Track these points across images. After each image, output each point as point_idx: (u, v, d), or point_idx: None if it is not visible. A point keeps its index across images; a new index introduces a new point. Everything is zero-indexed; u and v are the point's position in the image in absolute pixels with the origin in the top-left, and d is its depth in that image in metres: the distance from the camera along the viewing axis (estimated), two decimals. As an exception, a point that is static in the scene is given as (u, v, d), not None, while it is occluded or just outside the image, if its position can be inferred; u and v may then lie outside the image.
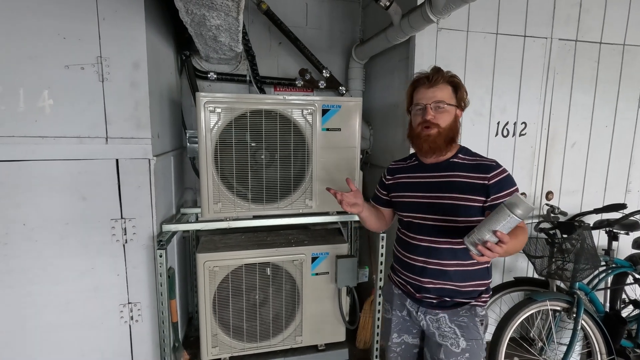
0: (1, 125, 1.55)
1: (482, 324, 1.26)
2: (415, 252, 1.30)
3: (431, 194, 1.27)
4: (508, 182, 1.20)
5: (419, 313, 1.31)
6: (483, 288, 1.28)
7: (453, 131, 1.25)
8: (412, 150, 1.42)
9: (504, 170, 1.22)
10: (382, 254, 2.03)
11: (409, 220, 1.32)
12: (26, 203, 1.62)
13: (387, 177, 1.45)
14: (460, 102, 1.27)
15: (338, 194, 1.32)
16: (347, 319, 2.19)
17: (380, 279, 2.06)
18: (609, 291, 2.31)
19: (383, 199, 1.47)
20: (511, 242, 1.04)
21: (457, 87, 1.26)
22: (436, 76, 1.24)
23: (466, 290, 1.25)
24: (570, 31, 2.26)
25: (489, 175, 1.20)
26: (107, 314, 1.78)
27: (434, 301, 1.28)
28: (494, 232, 1.00)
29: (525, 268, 2.49)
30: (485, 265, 1.29)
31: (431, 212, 1.26)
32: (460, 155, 1.28)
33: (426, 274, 1.27)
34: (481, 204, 1.20)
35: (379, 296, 2.08)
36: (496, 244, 1.01)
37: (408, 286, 1.34)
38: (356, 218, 2.10)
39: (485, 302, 1.29)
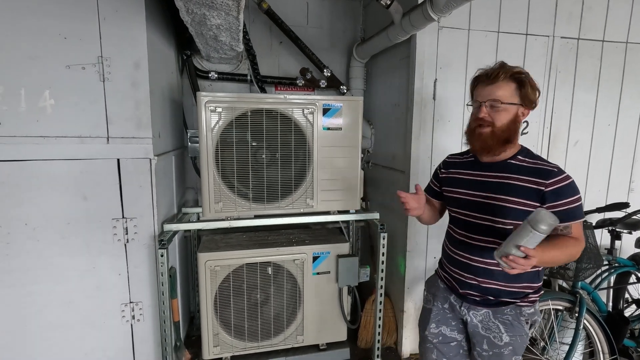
0: (3, 125, 1.56)
1: (527, 323, 1.26)
2: (459, 247, 1.31)
3: (484, 193, 1.26)
4: (568, 190, 1.15)
5: (462, 308, 1.33)
6: (530, 290, 1.27)
7: (510, 131, 1.20)
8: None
9: (566, 178, 1.16)
10: (383, 253, 2.02)
11: (457, 217, 1.34)
12: (28, 203, 1.63)
13: (442, 169, 1.44)
14: (525, 100, 1.20)
15: (402, 198, 1.31)
16: (348, 318, 2.19)
17: (382, 278, 2.06)
18: (611, 290, 2.30)
19: (435, 190, 1.48)
20: (549, 252, 1.08)
21: (522, 83, 1.19)
22: (496, 72, 1.19)
23: (511, 290, 1.25)
24: (573, 29, 2.24)
25: (547, 182, 1.16)
26: (109, 313, 1.78)
27: (477, 298, 1.29)
28: (518, 247, 1.00)
29: (527, 267, 2.48)
30: (536, 269, 1.27)
31: (481, 211, 1.26)
32: (519, 157, 1.24)
33: (469, 270, 1.28)
34: (534, 209, 1.14)
35: (380, 296, 2.08)
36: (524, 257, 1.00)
37: (452, 281, 1.36)
38: (357, 217, 2.11)
39: (533, 302, 1.27)
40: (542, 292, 1.33)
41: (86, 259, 1.72)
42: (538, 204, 1.16)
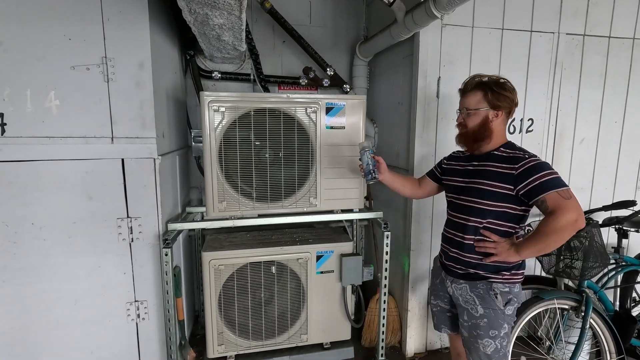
0: (10, 125, 1.58)
1: (497, 297, 1.42)
2: (451, 226, 1.55)
3: (466, 179, 1.50)
4: (535, 168, 1.30)
5: (447, 281, 1.56)
6: (503, 265, 1.42)
7: (479, 131, 1.43)
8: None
9: (534, 160, 1.33)
10: (386, 252, 2.02)
11: (450, 200, 1.58)
12: (34, 202, 1.64)
13: (446, 161, 1.68)
14: (492, 105, 1.41)
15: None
16: (352, 317, 2.18)
17: (385, 277, 2.05)
18: (618, 289, 2.28)
19: (435, 174, 1.72)
20: (526, 243, 1.33)
21: (485, 89, 1.41)
22: (465, 85, 1.47)
23: (485, 264, 1.43)
24: (578, 25, 2.22)
25: (516, 166, 1.34)
26: (114, 311, 1.80)
27: (459, 271, 1.50)
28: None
29: (532, 266, 2.46)
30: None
31: (463, 194, 1.49)
32: (501, 149, 1.44)
33: (456, 245, 1.50)
34: (510, 192, 1.35)
35: (384, 294, 2.07)
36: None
37: (444, 256, 1.59)
38: (361, 216, 2.10)
39: (507, 279, 1.43)
40: (522, 277, 1.46)
41: (92, 258, 1.74)
42: (511, 186, 1.34)
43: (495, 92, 1.40)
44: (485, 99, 1.41)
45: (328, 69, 2.59)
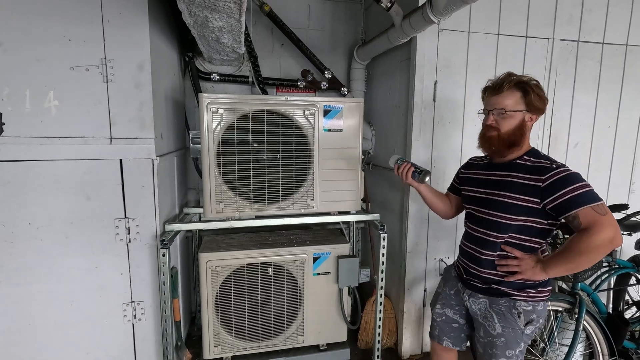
0: (8, 125, 1.58)
1: (520, 317, 1.32)
2: (470, 240, 1.45)
3: (487, 190, 1.38)
4: (564, 181, 1.18)
5: (464, 294, 1.47)
6: (529, 282, 1.32)
7: (515, 136, 1.30)
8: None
9: (564, 171, 1.20)
10: (383, 254, 2.03)
11: (470, 212, 1.48)
12: (32, 202, 1.64)
13: (463, 170, 1.60)
14: (531, 107, 1.30)
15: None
16: (348, 319, 2.19)
17: (382, 279, 2.06)
18: (611, 292, 2.30)
19: (455, 186, 1.64)
20: (553, 260, 1.23)
21: (526, 92, 1.29)
22: (500, 83, 1.31)
23: (510, 281, 1.32)
24: (573, 31, 2.25)
25: (543, 177, 1.22)
26: (111, 312, 1.80)
27: (480, 286, 1.40)
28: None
29: (527, 269, 2.48)
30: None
31: (484, 206, 1.38)
32: (525, 157, 1.33)
33: (475, 261, 1.40)
34: (536, 206, 1.24)
35: (381, 296, 2.08)
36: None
37: (461, 269, 1.50)
38: (358, 218, 2.12)
39: (532, 297, 1.32)
40: (548, 294, 1.35)
41: (89, 259, 1.74)
42: (537, 200, 1.23)
43: (536, 93, 1.28)
44: (524, 100, 1.29)
45: (326, 72, 2.61)
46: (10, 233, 1.64)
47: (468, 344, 1.61)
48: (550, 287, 1.36)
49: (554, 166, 1.23)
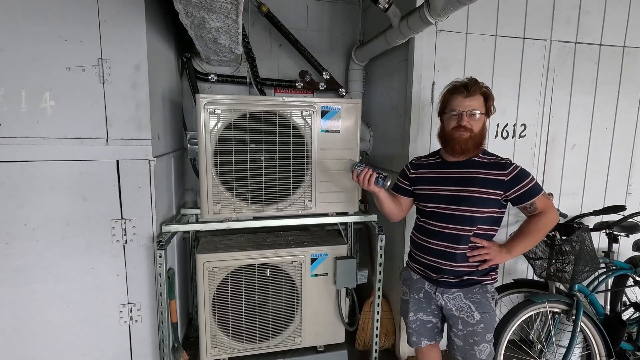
0: (4, 126, 1.57)
1: (492, 299, 1.48)
2: (436, 237, 1.49)
3: (456, 187, 1.46)
4: (522, 175, 1.40)
5: (437, 293, 1.52)
6: (493, 266, 1.48)
7: (482, 136, 1.44)
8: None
9: (517, 166, 1.42)
10: (380, 255, 2.03)
11: (432, 210, 1.51)
12: (28, 203, 1.64)
13: (411, 170, 1.62)
14: (488, 111, 1.45)
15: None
16: (346, 320, 2.19)
17: (380, 281, 2.06)
18: (609, 293, 2.31)
19: (404, 188, 1.65)
20: (515, 241, 1.45)
21: (487, 97, 1.43)
22: (474, 87, 1.41)
23: (482, 268, 1.46)
24: (570, 33, 2.26)
25: (505, 172, 1.40)
26: (107, 313, 1.79)
27: (452, 281, 1.48)
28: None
29: (525, 270, 2.49)
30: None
31: (455, 203, 1.44)
32: (480, 155, 1.47)
33: (449, 257, 1.46)
34: (498, 197, 1.41)
35: (378, 298, 2.08)
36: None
37: (427, 269, 1.54)
38: (355, 219, 2.11)
39: (495, 279, 1.50)
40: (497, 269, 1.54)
41: (85, 260, 1.73)
42: (501, 192, 1.40)
43: (492, 99, 1.44)
44: (485, 105, 1.43)
45: (324, 73, 2.61)
46: (6, 234, 1.63)
47: (444, 335, 1.65)
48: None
49: (508, 162, 1.43)
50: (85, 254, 1.73)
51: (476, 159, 1.46)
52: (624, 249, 2.41)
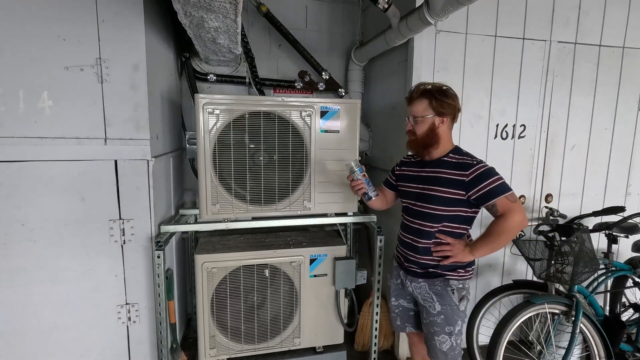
0: (1, 126, 1.57)
1: (454, 293, 1.52)
2: (407, 231, 1.60)
3: (421, 185, 1.55)
4: (484, 175, 1.40)
5: (407, 281, 1.63)
6: (459, 264, 1.52)
7: (428, 138, 1.49)
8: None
9: (483, 167, 1.42)
10: (380, 256, 2.03)
11: (406, 206, 1.63)
12: (26, 204, 1.63)
13: (398, 167, 1.73)
14: (438, 110, 1.46)
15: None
16: (345, 321, 2.18)
17: (379, 281, 2.06)
18: (608, 294, 2.30)
19: (391, 182, 1.76)
20: (479, 243, 1.46)
21: (431, 97, 1.46)
22: (414, 94, 1.50)
23: (444, 264, 1.51)
24: (570, 34, 2.26)
25: (467, 172, 1.42)
26: (105, 314, 1.78)
27: (419, 271, 1.57)
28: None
29: (524, 271, 2.48)
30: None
31: (419, 200, 1.54)
32: (450, 155, 1.51)
33: (413, 249, 1.57)
34: (462, 197, 1.44)
35: (377, 298, 2.08)
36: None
37: (401, 258, 1.66)
38: (354, 220, 2.11)
39: (462, 275, 1.54)
40: (473, 272, 1.58)
41: (83, 260, 1.72)
42: (463, 192, 1.43)
43: (438, 99, 1.46)
44: (431, 107, 1.47)
45: (323, 73, 2.60)
46: (4, 234, 1.63)
47: None
48: (474, 267, 1.59)
49: (475, 162, 1.44)
50: (84, 255, 1.72)
51: (446, 158, 1.50)
52: (624, 250, 2.41)
